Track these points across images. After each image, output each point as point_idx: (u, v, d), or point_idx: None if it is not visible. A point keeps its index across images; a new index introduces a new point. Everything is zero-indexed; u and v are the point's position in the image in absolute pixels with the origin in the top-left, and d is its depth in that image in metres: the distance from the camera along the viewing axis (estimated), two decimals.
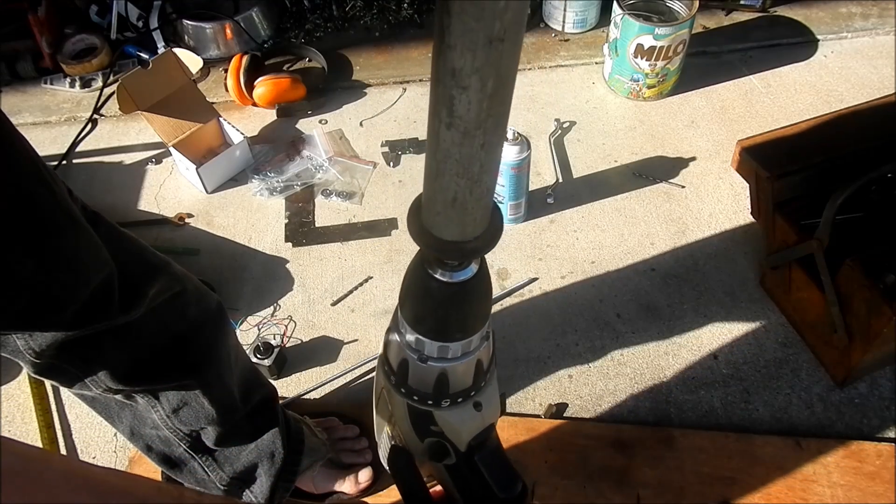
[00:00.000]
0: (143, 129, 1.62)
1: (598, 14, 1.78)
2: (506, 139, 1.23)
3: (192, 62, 1.49)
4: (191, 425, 0.84)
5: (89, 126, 1.66)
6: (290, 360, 1.22)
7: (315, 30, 1.83)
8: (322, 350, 1.23)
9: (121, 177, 1.55)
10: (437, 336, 0.52)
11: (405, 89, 1.70)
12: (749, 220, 1.34)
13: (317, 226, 1.42)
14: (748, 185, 1.20)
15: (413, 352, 0.54)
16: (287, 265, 1.36)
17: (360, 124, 1.62)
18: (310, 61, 1.79)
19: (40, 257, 0.60)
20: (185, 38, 1.78)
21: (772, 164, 1.12)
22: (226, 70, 1.65)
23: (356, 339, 1.24)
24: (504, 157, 1.24)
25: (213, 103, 1.58)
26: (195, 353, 0.81)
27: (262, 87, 1.61)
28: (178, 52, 1.48)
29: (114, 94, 1.66)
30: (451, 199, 0.42)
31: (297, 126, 1.62)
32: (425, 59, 1.76)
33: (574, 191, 1.44)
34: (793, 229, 1.11)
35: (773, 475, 1.03)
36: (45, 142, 1.62)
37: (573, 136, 1.55)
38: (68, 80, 1.74)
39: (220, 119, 1.51)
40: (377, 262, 1.35)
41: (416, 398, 0.56)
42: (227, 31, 1.76)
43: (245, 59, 1.61)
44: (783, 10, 1.80)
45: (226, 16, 1.74)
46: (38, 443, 1.14)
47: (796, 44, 1.73)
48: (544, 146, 1.53)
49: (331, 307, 1.29)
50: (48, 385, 1.21)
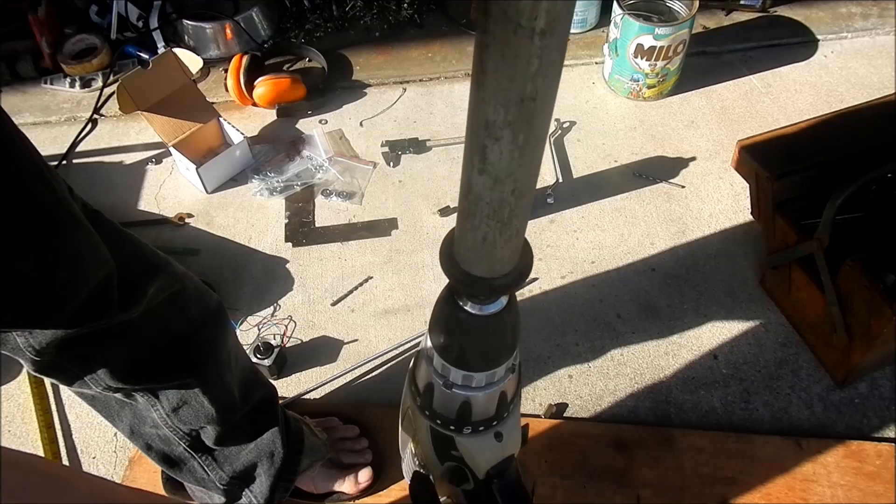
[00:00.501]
0: (143, 129, 1.62)
1: (598, 14, 1.78)
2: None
3: (192, 62, 1.50)
4: (190, 424, 0.84)
5: (89, 126, 1.66)
6: (290, 360, 1.22)
7: (315, 30, 1.83)
8: (322, 350, 1.23)
9: (121, 177, 1.55)
10: (462, 365, 0.53)
11: (405, 89, 1.70)
12: (749, 220, 1.34)
13: (317, 226, 1.42)
14: (748, 185, 1.20)
15: (439, 377, 0.55)
16: (287, 265, 1.36)
17: (360, 124, 1.62)
18: (310, 61, 1.79)
19: (40, 255, 0.60)
20: (185, 38, 1.78)
21: (772, 164, 1.12)
22: (226, 70, 1.65)
23: (356, 339, 1.24)
24: None
25: (213, 103, 1.58)
26: (195, 352, 0.81)
27: (262, 87, 1.61)
28: (178, 52, 1.48)
29: (114, 94, 1.66)
30: (481, 239, 0.44)
31: (297, 126, 1.62)
32: (425, 59, 1.76)
33: (574, 191, 1.44)
34: (793, 229, 1.11)
35: (773, 475, 1.03)
36: (45, 142, 1.62)
37: (573, 136, 1.55)
38: (68, 80, 1.74)
39: (220, 119, 1.51)
40: (377, 262, 1.35)
41: (438, 422, 0.57)
42: (227, 31, 1.76)
43: (245, 59, 1.61)
44: (783, 10, 1.80)
45: (226, 16, 1.74)
46: (38, 443, 1.14)
47: (796, 44, 1.73)
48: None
49: (331, 307, 1.29)
50: (48, 385, 1.21)
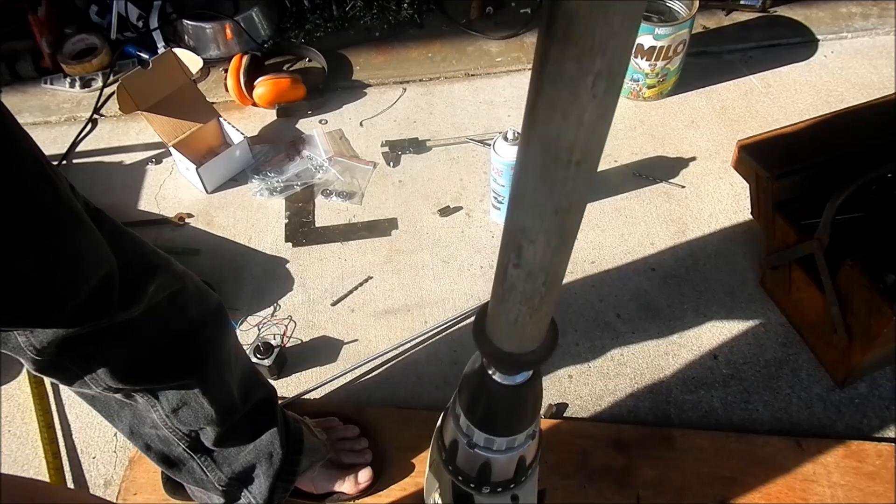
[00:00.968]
0: (143, 129, 1.62)
1: None
2: (507, 140, 1.23)
3: (192, 62, 1.50)
4: (190, 425, 0.84)
5: (89, 126, 1.66)
6: (290, 360, 1.22)
7: (315, 30, 1.83)
8: (322, 350, 1.23)
9: (121, 177, 1.55)
10: (485, 428, 0.57)
11: (405, 89, 1.70)
12: (749, 220, 1.34)
13: (317, 226, 1.42)
14: (748, 185, 1.20)
15: (463, 436, 0.59)
16: (287, 265, 1.36)
17: (360, 124, 1.62)
18: (310, 61, 1.79)
19: (41, 254, 0.60)
20: (185, 38, 1.78)
21: (772, 164, 1.12)
22: (226, 70, 1.65)
23: (356, 339, 1.24)
24: (504, 156, 1.24)
25: (213, 103, 1.58)
26: (195, 353, 0.81)
27: (262, 87, 1.61)
28: (178, 52, 1.48)
29: (114, 94, 1.66)
30: (512, 320, 0.48)
31: (297, 126, 1.62)
32: (425, 59, 1.76)
33: None
34: (793, 229, 1.11)
35: (773, 475, 1.03)
36: (45, 142, 1.62)
37: None
38: (68, 80, 1.74)
39: (220, 119, 1.51)
40: (377, 262, 1.35)
41: (460, 478, 0.61)
42: (227, 31, 1.76)
43: (245, 59, 1.61)
44: (783, 10, 1.80)
45: (226, 16, 1.74)
46: (38, 443, 1.14)
47: (796, 44, 1.73)
48: None
49: (331, 307, 1.29)
50: (48, 385, 1.21)
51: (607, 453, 1.06)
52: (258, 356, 1.14)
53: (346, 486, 1.02)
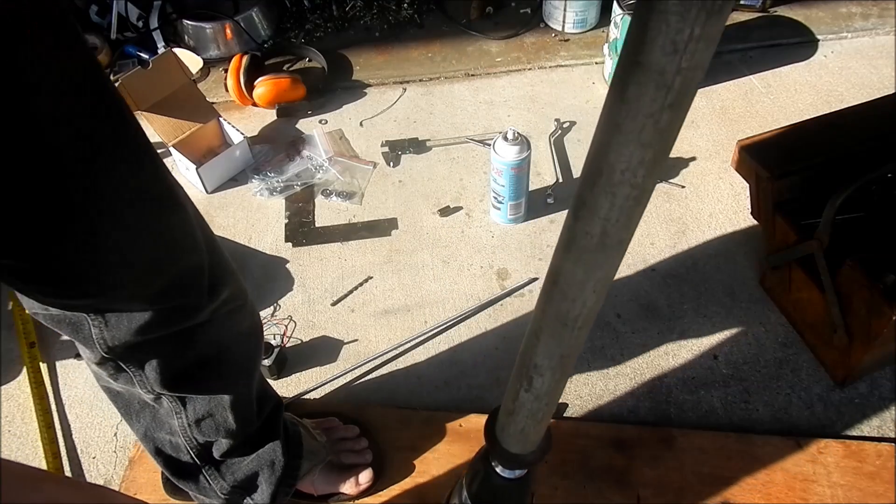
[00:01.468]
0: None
1: (598, 14, 1.78)
2: (507, 141, 1.23)
3: (192, 62, 1.50)
4: (208, 436, 0.84)
5: None
6: (290, 360, 1.22)
7: (315, 30, 1.83)
8: (322, 350, 1.23)
9: None
10: None
11: (405, 89, 1.70)
12: (749, 220, 1.34)
13: (317, 226, 1.42)
14: (748, 185, 1.20)
15: None
16: (287, 265, 1.36)
17: (360, 124, 1.62)
18: (310, 61, 1.79)
19: (140, 228, 0.61)
20: (185, 38, 1.78)
21: (772, 164, 1.12)
22: (226, 70, 1.65)
23: (356, 339, 1.24)
24: (504, 156, 1.24)
25: (213, 103, 1.58)
26: (235, 367, 0.82)
27: (262, 87, 1.61)
28: (178, 52, 1.48)
29: None
30: (519, 430, 0.61)
31: (297, 126, 1.62)
32: (425, 59, 1.76)
33: (574, 191, 1.44)
34: (793, 229, 1.11)
35: (773, 475, 1.03)
36: None
37: (573, 136, 1.55)
38: None
39: (220, 119, 1.51)
40: (377, 262, 1.35)
41: None
42: (227, 31, 1.76)
43: (245, 59, 1.61)
44: (783, 10, 1.80)
45: (226, 16, 1.74)
46: (38, 443, 1.14)
47: (796, 44, 1.73)
48: (544, 146, 1.53)
49: (331, 307, 1.29)
50: (48, 385, 1.21)
51: (607, 453, 1.06)
52: None
53: (346, 487, 1.02)
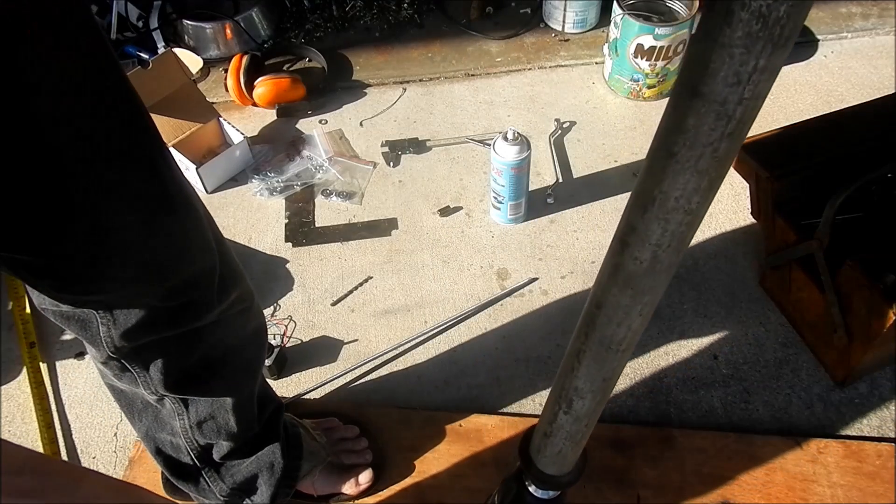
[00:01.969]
0: None
1: (598, 14, 1.78)
2: (507, 141, 1.23)
3: (192, 62, 1.50)
4: (209, 439, 0.84)
5: None
6: (289, 360, 1.22)
7: (315, 30, 1.83)
8: (322, 350, 1.23)
9: None
10: None
11: (405, 89, 1.70)
12: (749, 220, 1.34)
13: (317, 226, 1.42)
14: (748, 185, 1.20)
15: None
16: (287, 265, 1.36)
17: (360, 124, 1.62)
18: (310, 61, 1.79)
19: (154, 228, 0.62)
20: (185, 38, 1.78)
21: (772, 164, 1.12)
22: (226, 70, 1.65)
23: (356, 339, 1.24)
24: (504, 156, 1.24)
25: (213, 103, 1.58)
26: (239, 370, 0.82)
27: (262, 87, 1.61)
28: (178, 52, 1.48)
29: None
30: (556, 452, 0.61)
31: (297, 126, 1.62)
32: (425, 59, 1.76)
33: (574, 191, 1.44)
34: (793, 229, 1.11)
35: (773, 475, 1.03)
36: None
37: (573, 136, 1.55)
38: None
39: (220, 119, 1.51)
40: (377, 262, 1.35)
41: None
42: (227, 31, 1.76)
43: (245, 59, 1.61)
44: None
45: (226, 16, 1.74)
46: (39, 443, 1.14)
47: (796, 44, 1.72)
48: (544, 146, 1.53)
49: (331, 307, 1.29)
50: (48, 385, 1.21)
51: (607, 453, 1.06)
52: None
53: (346, 487, 1.02)
